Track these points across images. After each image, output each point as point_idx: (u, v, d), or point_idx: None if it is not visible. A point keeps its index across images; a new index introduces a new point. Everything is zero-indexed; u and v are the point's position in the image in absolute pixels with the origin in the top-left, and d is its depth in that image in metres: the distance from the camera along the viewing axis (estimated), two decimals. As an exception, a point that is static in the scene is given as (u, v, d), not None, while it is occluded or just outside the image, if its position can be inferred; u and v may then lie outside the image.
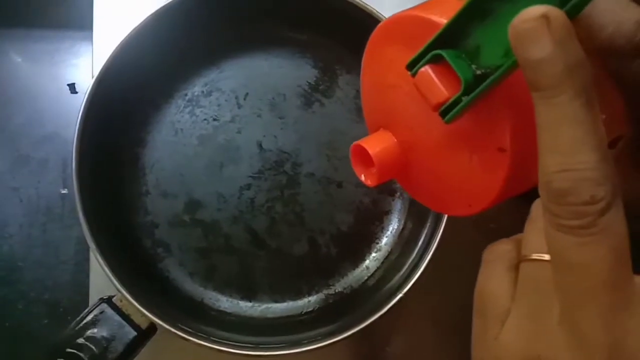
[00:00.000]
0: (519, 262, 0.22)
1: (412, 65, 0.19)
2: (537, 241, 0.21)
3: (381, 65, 0.24)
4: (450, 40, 0.18)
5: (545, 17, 0.16)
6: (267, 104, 0.43)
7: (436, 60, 0.18)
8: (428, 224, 0.39)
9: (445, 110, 0.18)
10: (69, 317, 0.57)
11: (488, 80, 0.17)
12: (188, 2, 0.38)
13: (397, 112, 0.23)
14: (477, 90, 0.18)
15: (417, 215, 0.42)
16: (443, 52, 0.18)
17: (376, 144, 0.23)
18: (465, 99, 0.18)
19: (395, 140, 0.23)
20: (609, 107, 0.21)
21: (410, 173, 0.24)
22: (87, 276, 0.46)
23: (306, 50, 0.43)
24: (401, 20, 0.21)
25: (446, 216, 0.36)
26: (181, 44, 0.42)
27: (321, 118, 0.43)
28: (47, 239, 0.58)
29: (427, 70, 0.18)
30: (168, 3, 0.37)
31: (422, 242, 0.38)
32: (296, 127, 0.43)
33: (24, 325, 0.57)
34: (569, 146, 0.17)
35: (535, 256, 0.21)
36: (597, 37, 0.18)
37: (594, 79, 0.19)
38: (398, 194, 0.43)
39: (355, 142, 0.24)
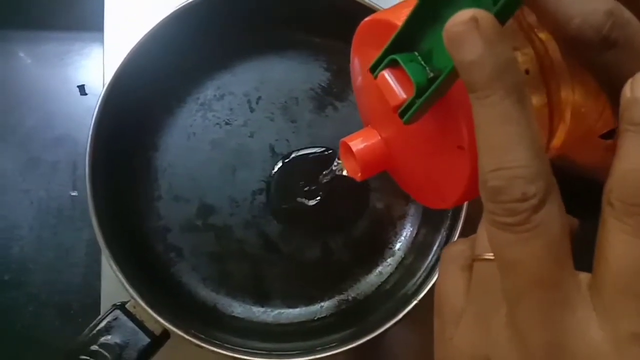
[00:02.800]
0: (472, 261, 0.22)
1: (374, 69, 0.20)
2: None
3: (361, 66, 0.25)
4: (408, 43, 0.19)
5: (474, 20, 0.16)
6: (279, 107, 0.43)
7: (395, 64, 0.19)
8: (443, 229, 0.39)
9: (403, 112, 0.19)
10: (79, 320, 0.57)
11: (436, 83, 0.18)
12: (200, 6, 0.37)
13: (378, 110, 0.24)
14: (428, 92, 0.18)
15: (431, 220, 0.41)
16: (397, 57, 0.19)
17: (360, 141, 0.25)
18: (418, 101, 0.18)
19: (379, 137, 0.25)
20: (592, 98, 0.21)
21: (396, 167, 0.25)
22: (98, 278, 0.46)
23: (319, 53, 0.43)
24: (372, 23, 0.22)
25: (462, 221, 0.36)
26: (193, 48, 0.41)
27: (334, 121, 0.43)
28: (57, 241, 0.58)
29: (384, 74, 0.19)
30: (180, 7, 0.37)
31: (437, 247, 0.38)
32: (309, 131, 0.42)
33: (34, 328, 0.58)
34: (501, 145, 0.17)
35: (486, 255, 0.21)
36: (565, 28, 0.18)
37: (577, 70, 0.19)
38: (411, 198, 0.43)
39: (342, 139, 0.25)
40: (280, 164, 0.42)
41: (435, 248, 0.38)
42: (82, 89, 0.59)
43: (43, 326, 0.57)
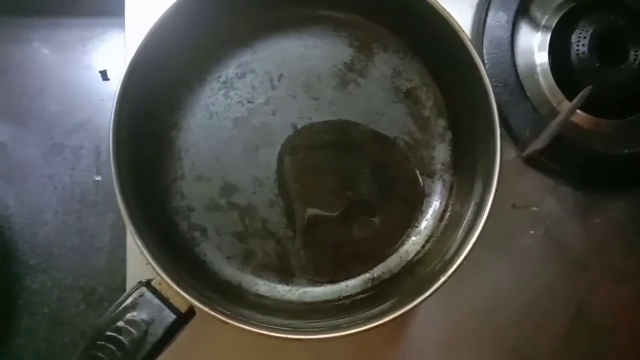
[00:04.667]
0: None
1: None
2: None
3: None
4: None
5: None
6: (301, 85, 0.42)
7: None
8: (471, 206, 0.38)
9: None
10: (104, 304, 0.58)
11: None
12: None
13: None
14: None
15: (458, 197, 0.40)
16: None
17: None
18: None
19: None
20: None
21: None
22: (123, 262, 0.46)
23: (341, 29, 0.42)
24: None
25: (491, 199, 0.35)
26: (214, 26, 0.41)
27: (357, 98, 0.42)
28: (82, 226, 0.59)
29: None
30: (200, -16, 0.37)
31: (466, 223, 0.37)
32: (332, 109, 0.42)
33: (61, 311, 0.58)
34: None
35: None
36: None
37: None
38: (437, 175, 0.42)
39: None
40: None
41: (463, 223, 0.37)
42: (104, 74, 0.59)
43: (69, 310, 0.58)
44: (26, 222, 0.59)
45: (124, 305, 0.35)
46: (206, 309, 0.34)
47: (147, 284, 0.36)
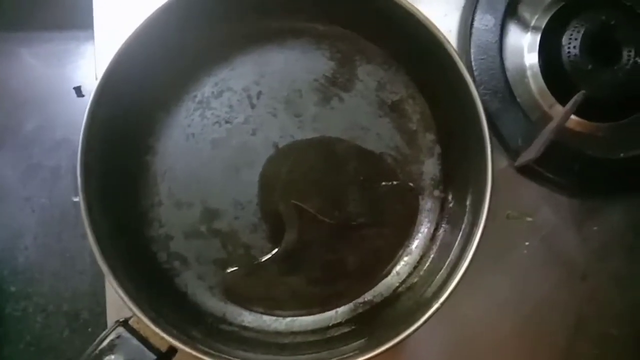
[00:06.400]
0: None
1: None
2: None
3: None
4: None
5: None
6: (282, 101, 0.40)
7: None
8: (464, 223, 0.36)
9: None
10: (89, 329, 0.56)
11: None
12: (192, -4, 0.35)
13: None
14: None
15: (450, 214, 0.39)
16: None
17: None
18: None
19: None
20: None
21: None
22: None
23: (322, 41, 0.40)
24: None
25: (485, 215, 0.33)
26: (189, 41, 0.39)
27: (341, 114, 0.40)
28: (62, 248, 0.57)
29: None
30: (172, -2, 0.34)
31: (458, 245, 0.35)
32: (314, 125, 0.40)
33: (45, 338, 0.57)
34: None
35: None
36: None
37: None
38: (427, 191, 0.40)
39: None
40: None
41: (456, 242, 0.36)
42: (78, 90, 0.56)
43: (53, 336, 0.56)
44: (5, 246, 0.57)
45: (100, 348, 0.33)
46: (186, 349, 0.32)
47: (125, 323, 0.34)
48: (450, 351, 0.43)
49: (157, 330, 0.32)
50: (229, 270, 0.39)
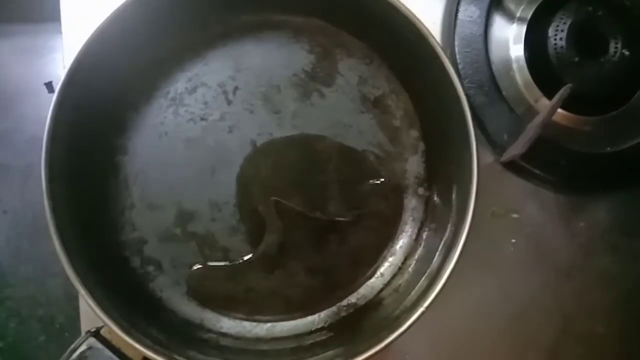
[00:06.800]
0: None
1: None
2: None
3: None
4: None
5: None
6: (259, 97, 0.38)
7: None
8: (449, 225, 0.35)
9: None
10: (65, 334, 0.54)
11: None
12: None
13: None
14: None
15: (435, 213, 0.37)
16: None
17: None
18: None
19: None
20: None
21: None
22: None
23: (301, 34, 0.38)
24: None
25: (470, 214, 0.32)
26: (158, 35, 0.37)
27: (322, 110, 0.38)
28: (35, 251, 0.55)
29: None
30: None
31: (443, 246, 0.34)
32: (294, 122, 0.38)
33: (19, 344, 0.55)
34: None
35: None
36: None
37: None
38: (411, 190, 0.39)
39: None
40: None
41: (441, 245, 0.35)
42: (49, 86, 0.54)
43: (28, 342, 0.55)
44: (-24, 251, 0.55)
45: (71, 359, 0.31)
46: (161, 359, 0.30)
47: (97, 333, 0.32)
48: (436, 351, 0.43)
49: (130, 340, 0.30)
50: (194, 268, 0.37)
